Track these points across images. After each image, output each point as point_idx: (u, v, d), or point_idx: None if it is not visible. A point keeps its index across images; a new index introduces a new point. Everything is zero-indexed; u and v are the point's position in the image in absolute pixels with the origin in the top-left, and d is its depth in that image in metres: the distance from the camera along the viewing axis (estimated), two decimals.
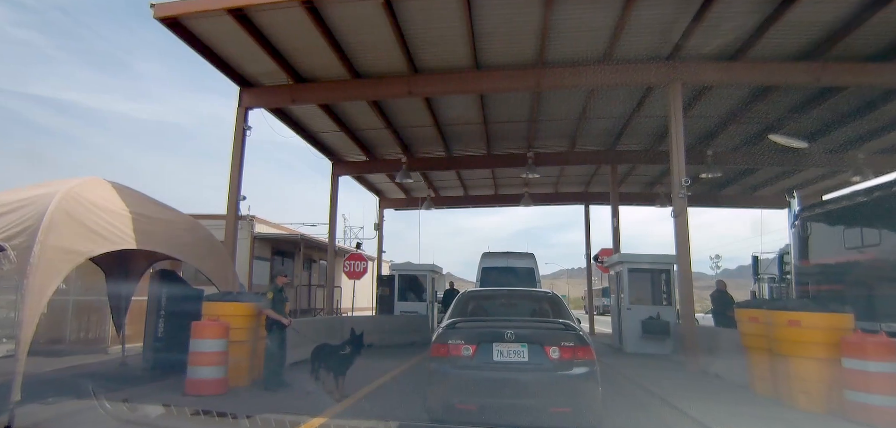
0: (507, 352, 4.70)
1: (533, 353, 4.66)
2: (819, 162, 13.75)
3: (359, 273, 17.20)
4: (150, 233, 7.31)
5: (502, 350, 4.71)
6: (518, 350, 4.70)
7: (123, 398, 2.03)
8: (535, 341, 4.70)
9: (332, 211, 16.15)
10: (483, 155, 15.81)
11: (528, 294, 6.94)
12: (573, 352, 4.63)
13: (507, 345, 4.71)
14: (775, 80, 9.82)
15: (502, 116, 13.15)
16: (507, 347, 4.71)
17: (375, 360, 10.45)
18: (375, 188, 20.58)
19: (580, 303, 56.55)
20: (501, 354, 4.70)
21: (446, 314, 5.77)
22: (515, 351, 4.69)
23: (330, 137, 14.76)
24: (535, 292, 7.04)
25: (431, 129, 13.76)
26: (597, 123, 13.59)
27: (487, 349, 4.71)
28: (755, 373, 7.03)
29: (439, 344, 4.85)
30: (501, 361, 4.67)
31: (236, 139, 11.01)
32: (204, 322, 6.85)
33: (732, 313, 12.34)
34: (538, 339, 4.73)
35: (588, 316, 20.60)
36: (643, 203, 20.61)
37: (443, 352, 4.78)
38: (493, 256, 13.45)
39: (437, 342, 4.90)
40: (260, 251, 17.11)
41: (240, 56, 10.43)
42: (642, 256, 12.67)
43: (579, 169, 18.00)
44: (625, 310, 12.53)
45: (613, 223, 15.14)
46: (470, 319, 5.52)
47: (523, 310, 6.07)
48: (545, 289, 7.37)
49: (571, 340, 4.70)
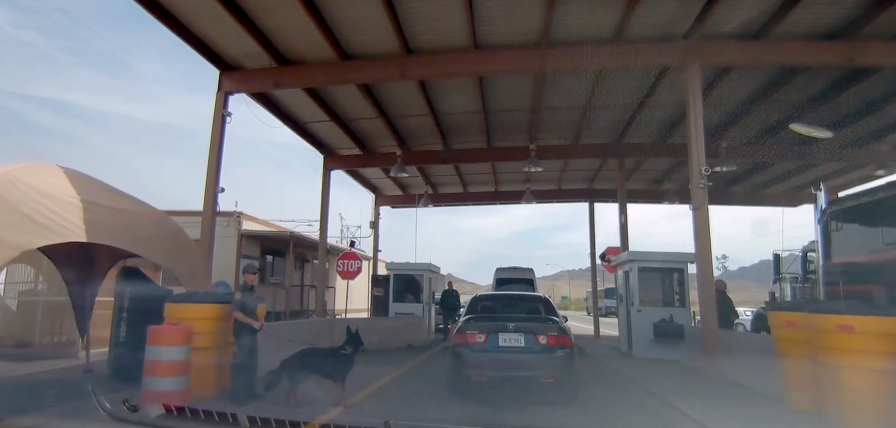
0: (509, 339, 6.31)
1: (528, 340, 6.26)
2: (840, 155, 12.91)
3: (353, 273, 16.32)
4: (105, 224, 6.46)
5: (506, 338, 6.31)
6: (517, 338, 6.30)
7: (123, 399, 1.85)
8: (529, 331, 6.32)
9: (323, 206, 15.29)
10: (483, 148, 14.98)
11: (525, 297, 8.79)
12: (556, 339, 6.26)
13: (509, 334, 6.33)
14: (803, 60, 8.96)
15: (503, 105, 12.31)
16: (509, 336, 6.32)
17: (366, 365, 9.60)
18: (371, 184, 19.74)
19: (582, 304, 55.57)
20: (505, 341, 6.30)
21: (463, 313, 7.58)
22: (515, 338, 6.30)
23: (320, 128, 13.92)
24: (530, 295, 9.16)
25: (427, 119, 12.91)
26: (603, 115, 12.74)
27: (495, 337, 6.32)
28: (791, 383, 6.17)
29: (460, 334, 6.57)
30: (505, 346, 6.28)
31: (215, 127, 10.17)
32: (162, 327, 5.98)
33: (734, 317, 11.65)
34: (531, 330, 6.36)
35: (592, 318, 19.70)
36: (649, 201, 19.77)
37: (462, 339, 6.46)
38: (504, 270, 17.09)
39: (458, 333, 6.64)
40: (248, 250, 16.26)
41: (219, 36, 9.62)
42: (653, 254, 11.80)
43: (584, 164, 17.16)
44: (634, 312, 11.66)
45: (621, 220, 14.29)
46: (481, 315, 7.20)
47: (521, 309, 7.61)
48: (538, 293, 9.90)
49: (555, 331, 6.37)
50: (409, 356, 11.06)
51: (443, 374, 9.34)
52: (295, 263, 19.05)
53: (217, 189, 10.02)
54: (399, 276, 15.35)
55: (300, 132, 13.94)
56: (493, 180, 19.15)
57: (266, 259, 18.61)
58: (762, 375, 7.02)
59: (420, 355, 11.35)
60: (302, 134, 14.06)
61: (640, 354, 11.32)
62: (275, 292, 17.36)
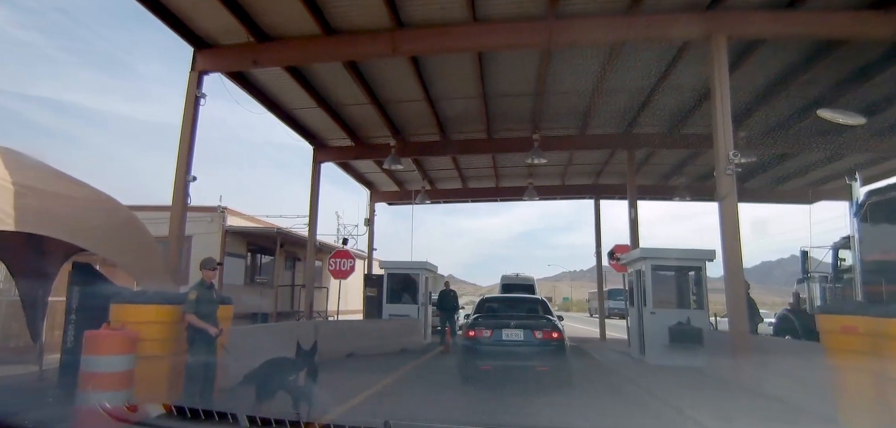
0: (510, 334, 7.40)
1: (526, 335, 7.36)
2: (871, 145, 11.95)
3: (345, 272, 15.39)
4: (42, 212, 5.53)
5: (508, 334, 7.40)
6: (517, 333, 7.39)
7: None
8: (527, 328, 7.44)
9: (312, 201, 14.33)
10: (483, 138, 14.00)
11: (524, 299, 10.32)
12: (550, 334, 7.42)
13: (511, 330, 7.42)
14: (844, 32, 7.97)
15: (504, 88, 11.34)
16: (510, 332, 7.41)
17: (352, 373, 8.67)
18: (365, 180, 18.77)
19: (584, 305, 54.56)
20: (507, 336, 7.39)
21: (472, 313, 9.29)
22: (516, 334, 7.39)
23: (308, 116, 12.96)
24: (528, 298, 10.98)
25: (423, 105, 11.95)
26: (613, 100, 11.76)
27: (499, 333, 7.42)
28: (847, 401, 5.20)
29: (469, 330, 7.78)
30: (507, 340, 7.36)
31: (187, 109, 9.26)
32: (100, 332, 5.03)
33: (759, 320, 10.68)
34: (529, 326, 7.49)
35: (598, 320, 18.71)
36: (659, 197, 18.78)
37: (472, 334, 7.59)
38: (509, 277, 19.57)
39: (467, 329, 7.86)
40: (234, 247, 15.30)
41: (193, 9, 8.70)
42: (669, 250, 10.82)
43: (590, 156, 16.21)
44: (647, 314, 10.68)
45: (631, 215, 13.30)
46: (487, 315, 8.41)
47: (522, 309, 8.81)
48: (536, 296, 11.90)
49: (549, 328, 7.55)
50: (402, 361, 10.11)
51: (435, 383, 8.43)
52: (285, 262, 18.08)
53: (188, 177, 9.08)
54: (394, 275, 14.40)
55: (287, 120, 12.99)
56: (493, 174, 18.17)
57: (255, 258, 17.69)
58: (806, 389, 6.06)
59: (412, 362, 10.37)
60: (289, 122, 13.11)
61: (654, 360, 10.35)
62: (262, 292, 16.41)
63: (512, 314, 8.19)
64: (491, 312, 8.66)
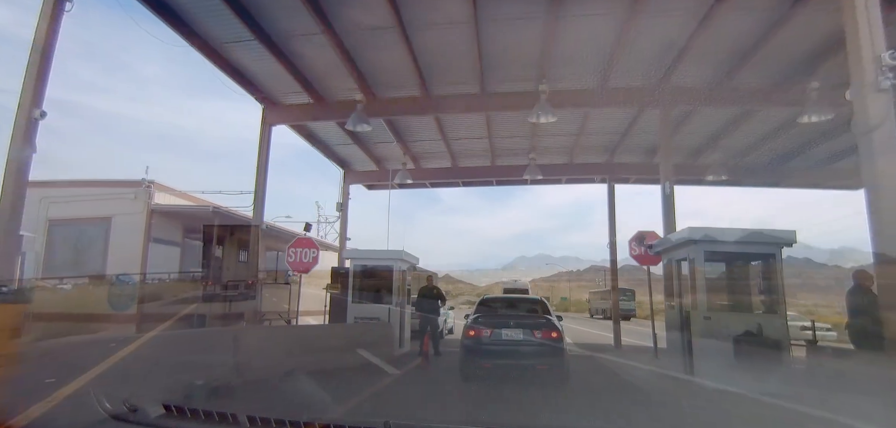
0: (510, 334, 7.72)
1: (525, 334, 7.68)
2: None
3: (307, 265, 12.44)
4: None
5: (507, 333, 7.73)
6: (517, 332, 7.71)
7: None
8: (526, 328, 7.77)
9: (259, 172, 11.32)
10: (475, 93, 11.06)
11: (524, 299, 11.49)
12: (548, 334, 7.67)
13: (510, 330, 7.75)
14: None
15: (504, 11, 8.38)
16: (510, 331, 7.74)
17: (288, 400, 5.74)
18: (336, 156, 15.80)
19: (585, 305, 51.66)
20: (507, 335, 7.71)
21: (472, 312, 9.05)
22: (515, 333, 7.71)
23: (248, 59, 9.98)
24: (528, 298, 12.92)
25: (398, 46, 9.02)
26: (643, 42, 8.91)
27: (499, 332, 7.73)
28: None
29: (470, 329, 7.94)
30: (507, 339, 7.67)
31: (42, 19, 6.28)
32: None
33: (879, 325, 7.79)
34: (528, 326, 7.82)
35: (612, 324, 15.75)
36: (686, 179, 15.81)
37: (473, 334, 7.82)
38: (506, 283, 23.00)
39: (468, 328, 7.99)
40: (163, 231, 12.31)
41: None
42: (729, 230, 7.88)
43: (604, 126, 13.32)
44: (700, 318, 7.76)
45: (664, 190, 10.27)
46: (487, 314, 8.54)
47: (521, 309, 9.28)
48: (536, 296, 12.53)
49: (547, 327, 7.78)
50: (356, 385, 7.10)
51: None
52: (237, 251, 15.05)
53: (33, 114, 6.08)
54: (361, 268, 11.42)
55: (222, 65, 10.00)
56: (489, 151, 15.26)
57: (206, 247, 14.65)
58: None
59: (369, 387, 7.34)
60: (225, 68, 10.12)
61: (710, 381, 7.39)
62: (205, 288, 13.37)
63: (512, 314, 8.61)
64: (491, 312, 8.89)
